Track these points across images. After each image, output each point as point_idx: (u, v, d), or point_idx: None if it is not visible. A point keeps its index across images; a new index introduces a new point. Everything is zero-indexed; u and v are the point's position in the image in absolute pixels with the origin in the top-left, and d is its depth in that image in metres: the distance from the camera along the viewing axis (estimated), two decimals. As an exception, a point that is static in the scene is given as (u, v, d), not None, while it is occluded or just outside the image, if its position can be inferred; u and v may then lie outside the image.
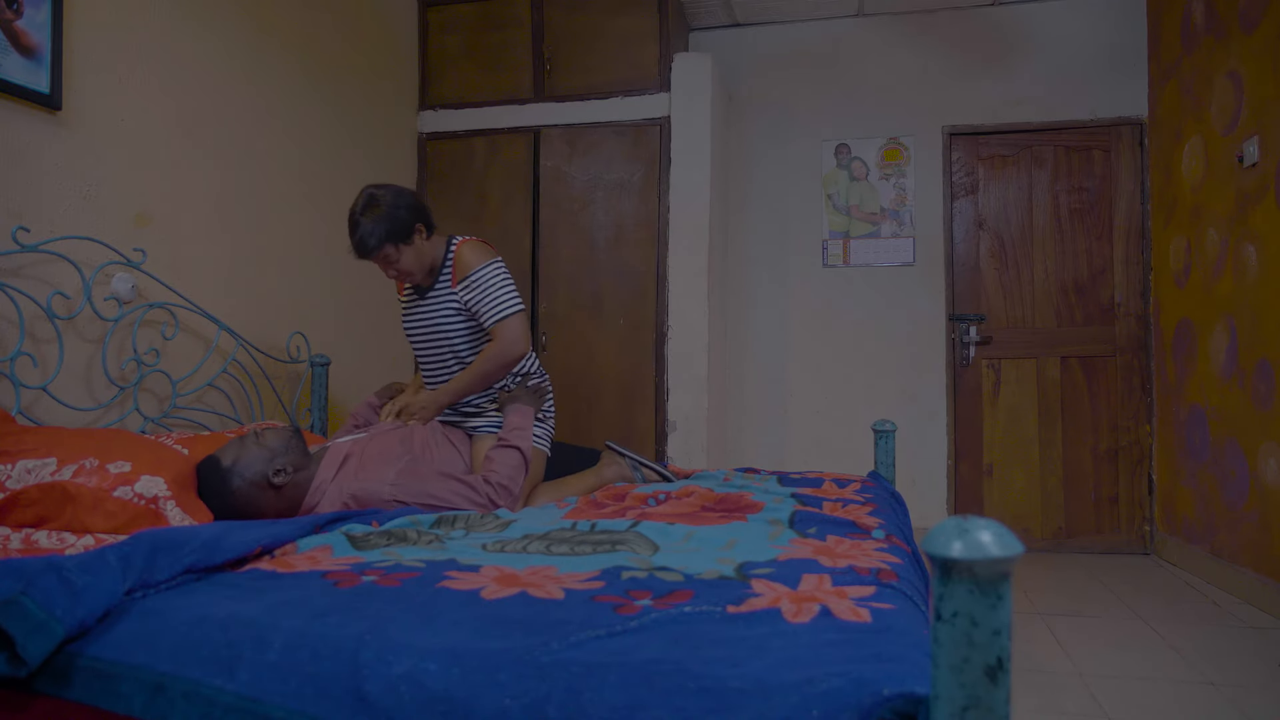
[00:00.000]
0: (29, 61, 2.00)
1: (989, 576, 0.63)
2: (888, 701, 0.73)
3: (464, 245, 2.18)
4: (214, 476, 1.70)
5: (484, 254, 2.18)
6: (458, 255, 2.17)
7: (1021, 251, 3.92)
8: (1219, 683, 2.16)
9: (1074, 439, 3.82)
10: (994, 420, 3.91)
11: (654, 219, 3.63)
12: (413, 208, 2.08)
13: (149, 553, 1.01)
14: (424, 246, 2.12)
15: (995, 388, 3.91)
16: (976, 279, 3.96)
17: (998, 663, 0.64)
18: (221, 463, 1.71)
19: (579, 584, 1.11)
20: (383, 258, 2.06)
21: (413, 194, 2.12)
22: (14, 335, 1.92)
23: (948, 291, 3.96)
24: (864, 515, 1.70)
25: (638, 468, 2.29)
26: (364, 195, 2.06)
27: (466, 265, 2.15)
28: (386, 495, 1.80)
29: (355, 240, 2.04)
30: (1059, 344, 3.85)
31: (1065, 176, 3.88)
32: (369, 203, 2.04)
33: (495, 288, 2.13)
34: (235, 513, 1.70)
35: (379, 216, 2.02)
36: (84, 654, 0.90)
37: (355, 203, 2.06)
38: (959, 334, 3.95)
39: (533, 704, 0.79)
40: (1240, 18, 2.98)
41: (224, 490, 1.69)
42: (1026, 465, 3.87)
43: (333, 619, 0.94)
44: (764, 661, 0.82)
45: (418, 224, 2.09)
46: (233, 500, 1.69)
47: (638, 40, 3.68)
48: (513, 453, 1.99)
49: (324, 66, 3.14)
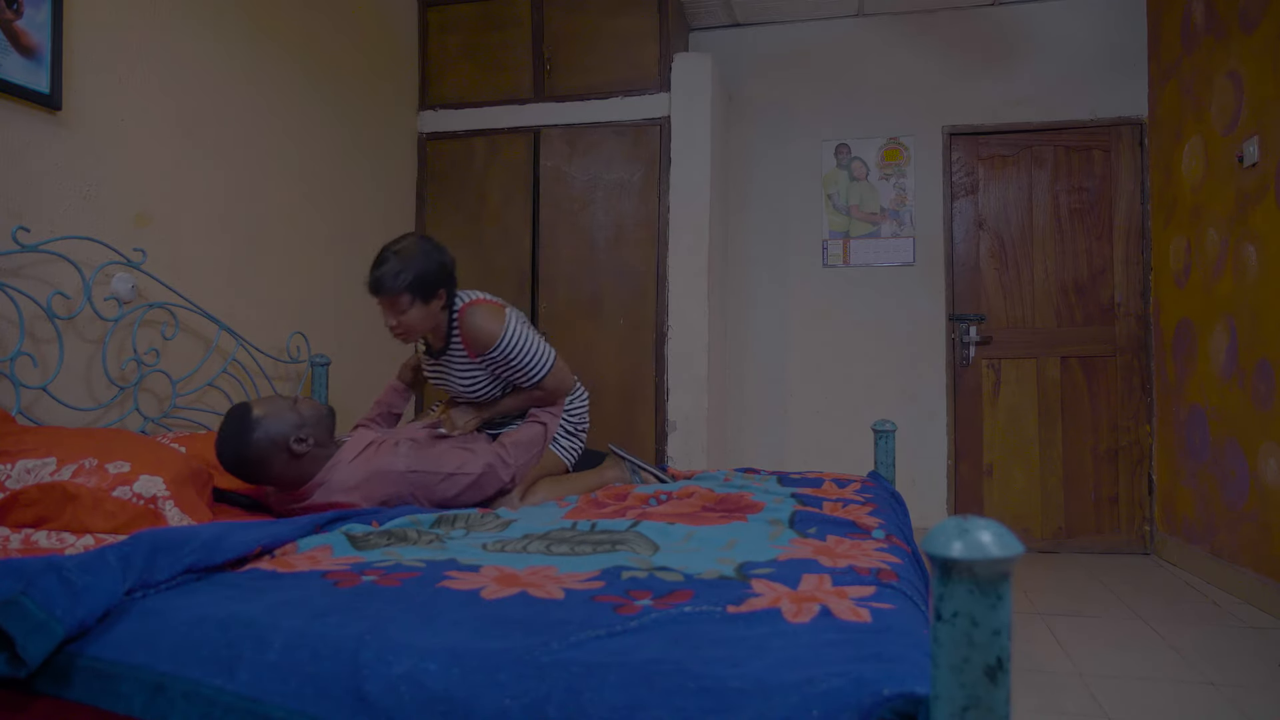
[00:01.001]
0: (29, 61, 2.00)
1: (989, 576, 0.63)
2: (888, 701, 0.73)
3: (469, 313, 2.07)
4: (238, 421, 1.69)
5: (494, 319, 2.06)
6: (466, 324, 2.06)
7: (1021, 251, 3.91)
8: (1219, 683, 2.16)
9: (1074, 439, 3.82)
10: (994, 420, 3.91)
11: (654, 219, 3.63)
12: (445, 271, 2.01)
13: (149, 553, 1.01)
14: (437, 313, 2.03)
15: (995, 388, 3.91)
16: (976, 279, 3.96)
17: (998, 663, 0.64)
18: (252, 410, 1.72)
19: (579, 584, 1.11)
20: (393, 303, 1.94)
21: (450, 258, 2.05)
22: (14, 335, 1.92)
23: (948, 291, 3.96)
24: (864, 515, 1.70)
25: (636, 471, 2.29)
26: (405, 237, 2.01)
27: (482, 339, 2.05)
28: (401, 466, 1.83)
29: (377, 273, 1.93)
30: (1059, 344, 3.85)
31: (1065, 176, 3.88)
32: (407, 246, 1.97)
33: (522, 356, 2.07)
34: (242, 463, 1.70)
35: (411, 260, 1.94)
36: (84, 654, 0.90)
37: (393, 241, 2.00)
38: (959, 334, 3.95)
39: (533, 704, 0.79)
40: (1240, 18, 2.98)
41: (242, 436, 1.68)
42: (1026, 465, 3.87)
43: (333, 619, 0.94)
44: (764, 661, 0.82)
45: (442, 289, 2.00)
46: (246, 451, 1.69)
47: (638, 40, 3.68)
48: (535, 425, 2.09)
49: (324, 66, 3.14)
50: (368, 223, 3.47)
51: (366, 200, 3.46)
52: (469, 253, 3.81)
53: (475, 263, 3.80)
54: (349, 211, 3.32)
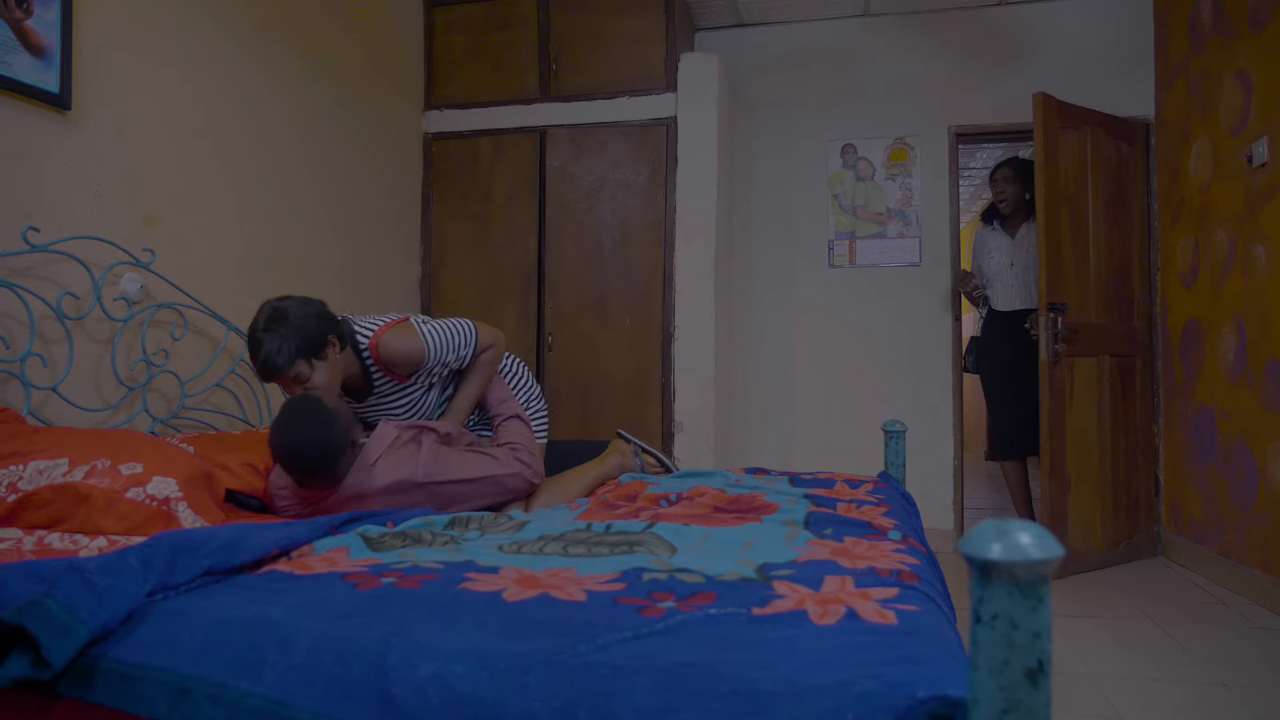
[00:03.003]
0: (38, 61, 1.99)
1: (1029, 579, 0.62)
2: (922, 704, 0.72)
3: (384, 343, 1.95)
4: (316, 414, 1.68)
5: (409, 336, 1.97)
6: (385, 354, 1.95)
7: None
8: (1232, 684, 2.16)
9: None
10: (1000, 421, 3.89)
11: (660, 219, 3.63)
12: (322, 316, 1.84)
13: (169, 554, 1.01)
14: (337, 360, 1.88)
15: (1002, 388, 3.89)
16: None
17: (1038, 665, 0.63)
18: (325, 403, 1.71)
19: (600, 585, 1.10)
20: (294, 377, 1.79)
21: (319, 303, 1.89)
22: (24, 335, 1.91)
23: (954, 292, 3.96)
24: (879, 516, 1.69)
25: (638, 454, 2.29)
26: (265, 310, 1.81)
27: (412, 360, 1.97)
28: (420, 477, 1.82)
29: (260, 360, 1.76)
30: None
31: (1072, 176, 3.86)
32: (273, 316, 1.78)
33: (453, 349, 2.02)
34: (324, 458, 1.68)
35: (287, 332, 1.76)
36: (107, 656, 0.90)
37: (255, 319, 1.80)
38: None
39: (563, 707, 0.78)
40: (1250, 17, 2.98)
41: (328, 428, 1.67)
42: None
43: (356, 621, 0.93)
44: (794, 664, 0.81)
45: (329, 335, 1.84)
46: (331, 445, 1.68)
47: (644, 40, 3.68)
48: (514, 421, 2.09)
49: (330, 66, 3.13)
50: (373, 223, 3.46)
51: (372, 200, 3.45)
52: (475, 253, 3.81)
53: (481, 263, 3.80)
54: (355, 212, 3.31)
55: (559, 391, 3.68)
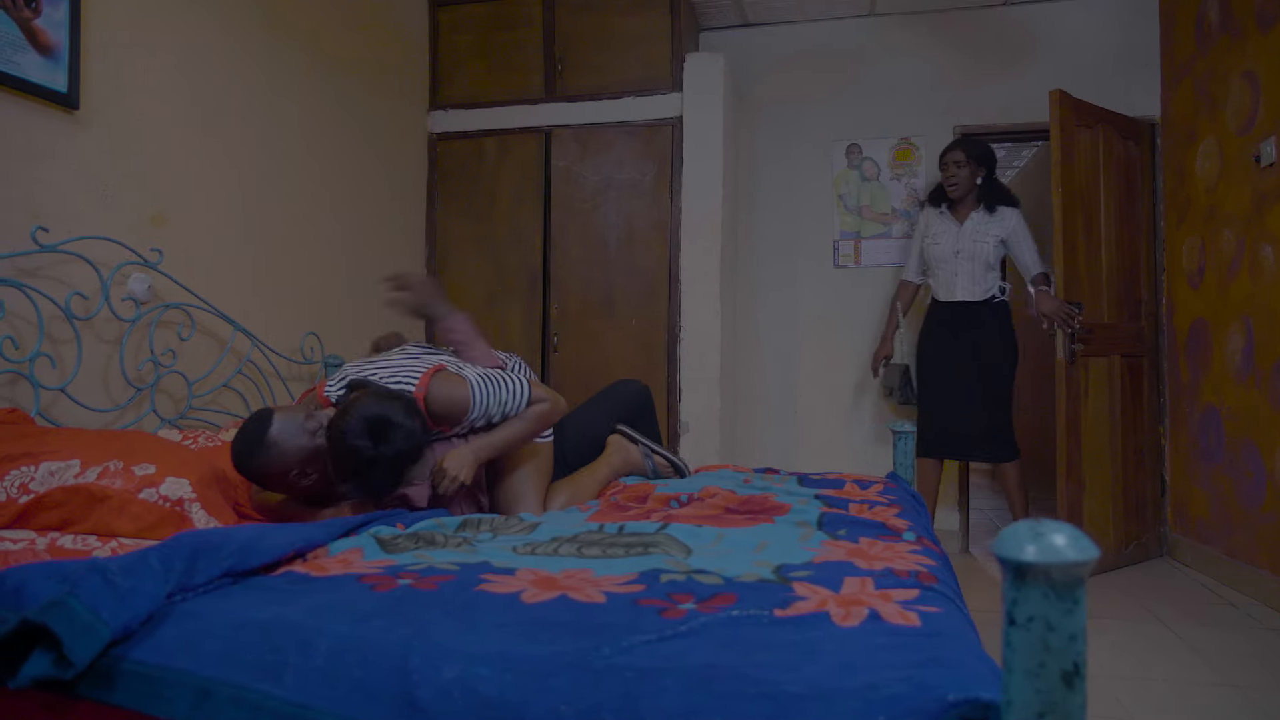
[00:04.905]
0: (47, 60, 1.99)
1: (1065, 580, 0.62)
2: (953, 707, 0.72)
3: (432, 388, 1.77)
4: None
5: (450, 383, 1.80)
6: (433, 401, 1.77)
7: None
8: (1243, 685, 2.15)
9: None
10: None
11: (666, 219, 3.62)
12: (413, 404, 1.68)
13: (190, 555, 1.00)
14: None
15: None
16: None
17: (1074, 668, 0.63)
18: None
19: (618, 587, 1.10)
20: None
21: (402, 396, 1.69)
22: (33, 336, 1.91)
23: (959, 292, 3.94)
24: (891, 517, 1.68)
25: (649, 455, 2.26)
26: (357, 416, 1.57)
27: (456, 411, 1.80)
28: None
29: (373, 482, 1.61)
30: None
31: (1077, 177, 3.85)
32: (376, 426, 1.57)
33: (496, 401, 1.84)
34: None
35: (397, 440, 1.59)
36: (128, 657, 0.89)
37: (345, 424, 1.57)
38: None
39: (588, 710, 0.78)
40: (1257, 17, 2.97)
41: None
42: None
43: (376, 623, 0.93)
44: (820, 666, 0.81)
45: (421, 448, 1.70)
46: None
47: (649, 40, 3.67)
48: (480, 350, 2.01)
49: (336, 66, 3.13)
50: (379, 223, 3.46)
51: (378, 200, 3.45)
52: (480, 253, 3.81)
53: (486, 263, 3.79)
54: (361, 212, 3.31)
55: (564, 392, 3.64)
